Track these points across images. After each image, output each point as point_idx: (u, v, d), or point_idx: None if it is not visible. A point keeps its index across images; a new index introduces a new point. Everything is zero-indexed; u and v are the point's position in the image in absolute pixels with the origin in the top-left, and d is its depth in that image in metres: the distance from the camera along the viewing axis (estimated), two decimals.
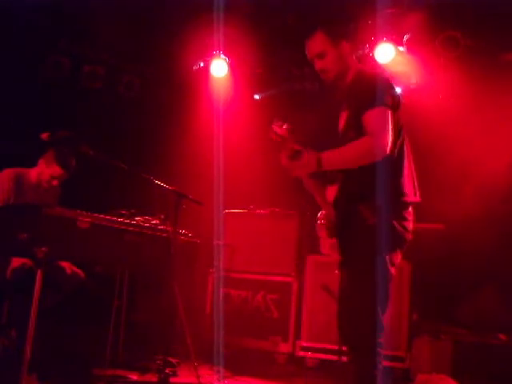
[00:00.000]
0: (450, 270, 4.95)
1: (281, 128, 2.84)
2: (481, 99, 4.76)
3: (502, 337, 4.62)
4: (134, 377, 4.09)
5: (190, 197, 3.86)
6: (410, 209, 2.85)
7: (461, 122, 4.78)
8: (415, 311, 4.72)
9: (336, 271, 3.04)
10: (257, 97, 6.26)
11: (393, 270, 2.83)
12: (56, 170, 4.28)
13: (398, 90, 3.26)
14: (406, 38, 5.20)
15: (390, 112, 2.72)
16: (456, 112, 4.90)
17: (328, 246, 3.12)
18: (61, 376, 3.79)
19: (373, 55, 5.28)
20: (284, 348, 4.92)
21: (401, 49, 5.24)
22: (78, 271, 4.26)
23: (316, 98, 5.76)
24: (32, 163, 4.38)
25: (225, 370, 4.40)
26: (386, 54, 5.25)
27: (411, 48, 5.22)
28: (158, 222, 4.03)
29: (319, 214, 3.06)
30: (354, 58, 2.97)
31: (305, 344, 4.81)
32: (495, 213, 4.73)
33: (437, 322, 4.79)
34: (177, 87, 6.17)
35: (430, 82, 5.06)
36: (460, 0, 4.65)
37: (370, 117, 2.70)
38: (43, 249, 3.23)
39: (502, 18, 4.85)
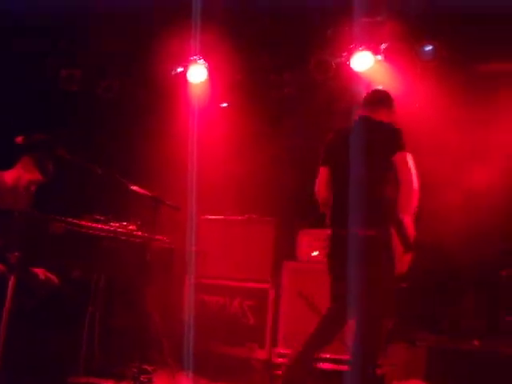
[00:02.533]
0: (424, 277, 5.00)
1: None
2: (457, 109, 4.82)
3: (476, 343, 4.68)
4: None
5: (167, 202, 3.83)
6: None
7: (437, 131, 4.84)
8: (391, 318, 4.76)
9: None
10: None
11: None
12: (36, 175, 4.18)
13: None
14: (383, 46, 5.25)
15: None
16: (432, 121, 4.95)
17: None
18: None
19: (350, 63, 5.34)
20: (261, 354, 4.91)
21: (378, 57, 5.30)
22: (52, 277, 4.18)
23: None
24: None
25: (201, 377, 4.38)
26: (363, 62, 5.31)
27: (388, 57, 5.28)
28: (134, 227, 4.00)
29: None
30: None
31: (281, 350, 4.81)
32: (474, 219, 4.79)
33: (412, 328, 4.83)
34: (155, 92, 6.14)
35: (406, 91, 5.11)
36: (437, 11, 4.71)
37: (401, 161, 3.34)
38: (16, 254, 3.18)
39: (478, 30, 4.94)
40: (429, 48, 5.15)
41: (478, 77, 5.24)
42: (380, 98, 3.65)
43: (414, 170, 3.34)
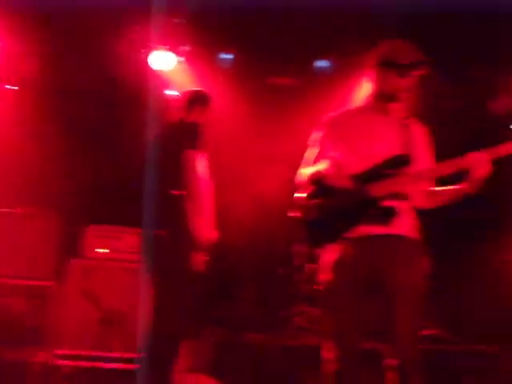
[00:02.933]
0: (210, 274, 5.19)
1: None
2: (251, 118, 5.12)
3: (258, 336, 5.02)
4: None
5: None
6: None
7: (234, 137, 5.07)
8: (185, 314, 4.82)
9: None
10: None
11: None
12: None
13: None
14: (185, 48, 5.34)
15: None
16: (226, 128, 5.18)
17: None
18: None
19: (148, 61, 5.33)
20: (41, 357, 4.59)
21: (179, 58, 5.38)
22: None
23: None
24: None
25: None
26: (163, 61, 5.32)
27: (189, 59, 5.39)
28: None
29: None
30: None
31: (62, 352, 4.56)
32: (258, 221, 5.11)
33: (197, 322, 4.97)
34: None
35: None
36: (237, 22, 4.95)
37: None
38: None
39: (269, 45, 5.34)
40: (228, 56, 5.40)
41: (271, 88, 5.66)
42: (194, 98, 3.66)
43: (203, 170, 3.33)
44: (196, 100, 3.63)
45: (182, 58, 5.39)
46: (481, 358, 4.80)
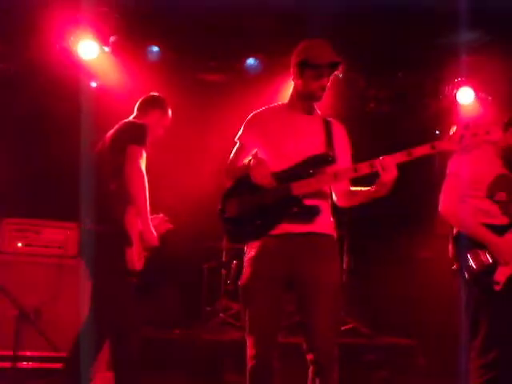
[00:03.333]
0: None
1: None
2: (179, 112, 5.07)
3: (177, 331, 5.01)
4: None
5: None
6: None
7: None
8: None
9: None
10: None
11: None
12: None
13: None
14: (112, 39, 5.23)
15: None
16: None
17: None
18: None
19: (76, 51, 5.17)
20: None
21: (105, 48, 5.26)
22: None
23: None
24: None
25: None
26: (89, 51, 5.19)
27: (116, 50, 5.29)
28: None
29: None
30: None
31: None
32: (186, 217, 5.07)
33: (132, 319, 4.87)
34: None
35: (132, 86, 5.20)
36: (168, 15, 4.90)
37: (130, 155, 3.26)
38: None
39: (200, 41, 5.32)
40: (155, 49, 5.33)
41: (200, 84, 5.64)
42: (151, 101, 3.63)
43: (141, 165, 3.26)
44: (152, 103, 3.61)
45: (108, 48, 5.27)
46: (395, 350, 5.01)
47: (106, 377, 3.98)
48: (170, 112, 3.68)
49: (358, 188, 2.82)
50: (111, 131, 3.47)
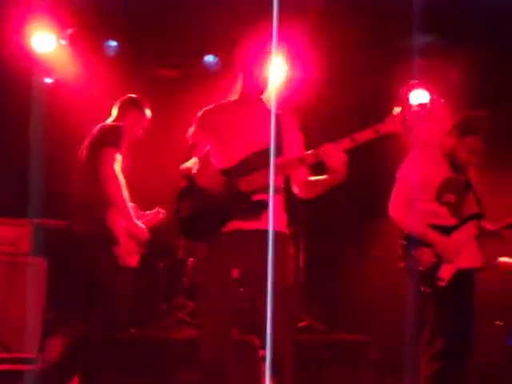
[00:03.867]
0: None
1: None
2: None
3: (133, 331, 4.96)
4: None
5: None
6: None
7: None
8: (52, 310, 4.63)
9: None
10: None
11: None
12: None
13: None
14: (69, 31, 5.15)
15: None
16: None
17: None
18: None
19: (30, 44, 5.07)
20: None
21: (62, 41, 5.17)
22: None
23: None
24: None
25: None
26: (45, 44, 5.11)
27: (73, 43, 5.20)
28: None
29: None
30: None
31: None
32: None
33: (71, 319, 4.79)
34: None
35: (88, 80, 5.13)
36: (127, 9, 4.84)
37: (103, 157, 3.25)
38: None
39: (160, 37, 5.28)
40: (113, 44, 5.27)
41: (157, 79, 5.59)
42: (129, 102, 3.61)
43: (115, 168, 3.25)
44: (130, 104, 3.61)
45: (65, 42, 5.18)
46: (350, 347, 5.07)
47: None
48: (148, 113, 3.69)
49: (314, 178, 2.79)
50: (90, 134, 3.47)
